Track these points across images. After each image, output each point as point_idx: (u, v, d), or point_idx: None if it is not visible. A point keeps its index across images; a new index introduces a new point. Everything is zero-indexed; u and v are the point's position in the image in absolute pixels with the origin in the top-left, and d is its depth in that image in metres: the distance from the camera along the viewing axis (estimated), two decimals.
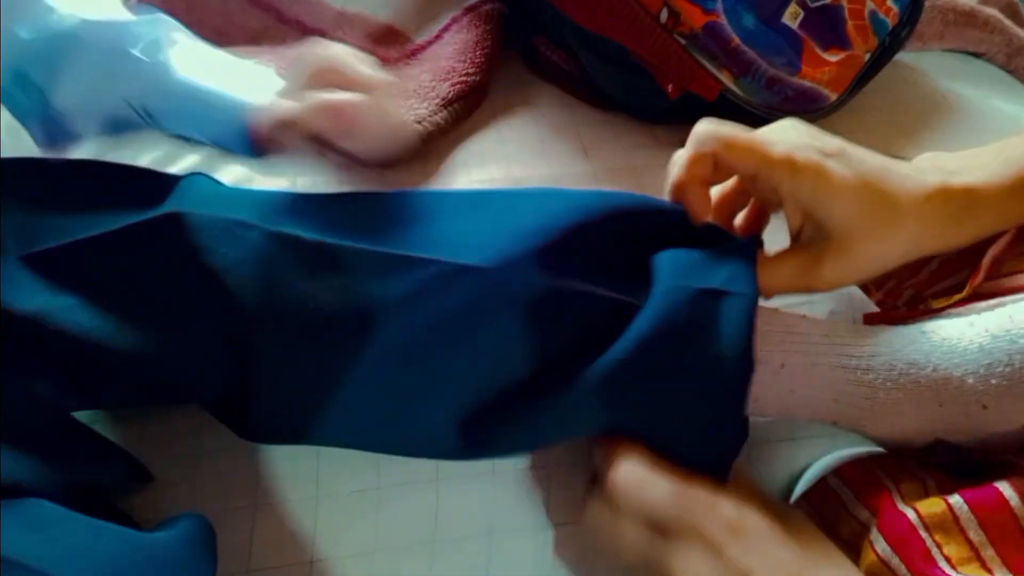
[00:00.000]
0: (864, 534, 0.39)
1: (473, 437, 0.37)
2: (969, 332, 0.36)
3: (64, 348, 0.35)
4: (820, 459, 0.46)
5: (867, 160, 0.37)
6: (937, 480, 0.38)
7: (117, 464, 0.39)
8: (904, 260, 0.38)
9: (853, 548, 0.40)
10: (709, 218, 0.40)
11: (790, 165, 0.36)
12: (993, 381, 0.35)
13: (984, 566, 0.34)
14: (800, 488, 0.45)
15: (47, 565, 0.29)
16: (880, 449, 0.40)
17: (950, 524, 0.35)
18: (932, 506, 0.35)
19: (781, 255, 0.39)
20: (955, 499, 0.35)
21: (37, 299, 0.35)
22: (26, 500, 0.32)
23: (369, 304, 0.36)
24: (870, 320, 0.44)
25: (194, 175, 0.41)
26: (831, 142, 0.37)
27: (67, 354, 0.35)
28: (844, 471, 0.40)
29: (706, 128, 0.38)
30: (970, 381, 0.36)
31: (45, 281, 0.35)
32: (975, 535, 0.34)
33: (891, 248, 0.37)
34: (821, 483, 0.41)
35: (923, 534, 0.35)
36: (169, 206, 0.37)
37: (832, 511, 0.41)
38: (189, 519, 0.37)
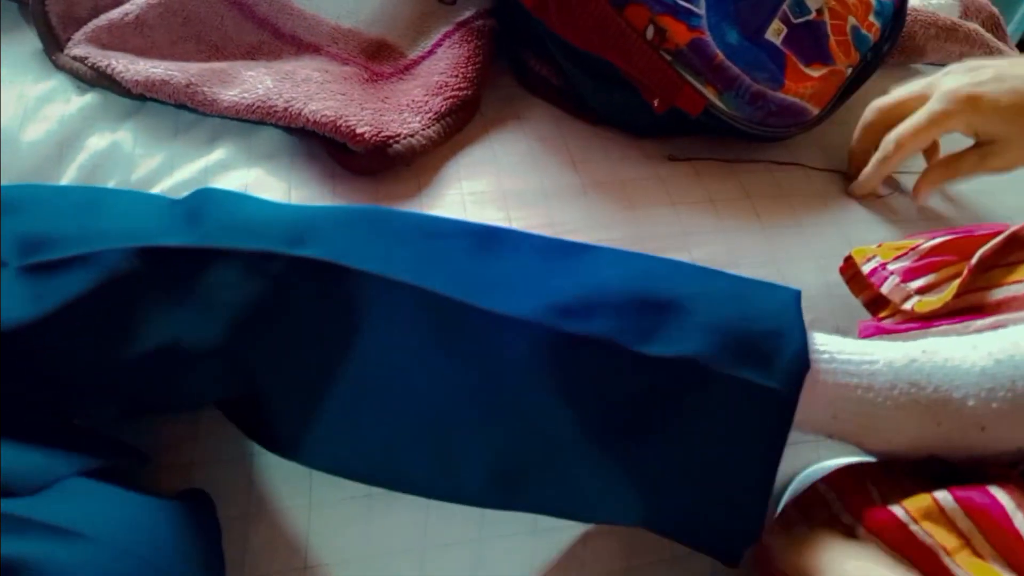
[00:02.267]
0: (850, 537, 0.40)
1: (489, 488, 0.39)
2: (972, 355, 0.37)
3: (56, 364, 0.35)
4: (810, 466, 0.47)
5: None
6: (923, 488, 0.39)
7: (113, 449, 0.40)
8: None
9: None
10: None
11: (946, 116, 0.54)
12: (994, 404, 0.35)
13: (975, 552, 0.35)
14: (790, 492, 0.46)
15: (80, 526, 0.31)
16: (870, 458, 0.40)
17: (936, 514, 0.35)
18: (918, 500, 0.36)
19: (961, 154, 0.56)
20: (940, 494, 0.35)
21: (36, 306, 0.35)
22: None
23: (355, 318, 0.37)
24: (865, 333, 0.45)
25: (207, 189, 0.42)
26: (983, 73, 0.54)
27: (58, 370, 0.36)
28: (832, 476, 0.41)
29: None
30: (971, 403, 0.36)
31: (42, 292, 0.35)
32: (963, 523, 0.35)
33: None
34: (809, 487, 0.41)
35: (914, 528, 0.35)
36: (193, 236, 0.37)
37: (818, 514, 0.42)
38: (190, 492, 0.40)
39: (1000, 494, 0.35)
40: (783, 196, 0.60)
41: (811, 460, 0.48)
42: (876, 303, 0.47)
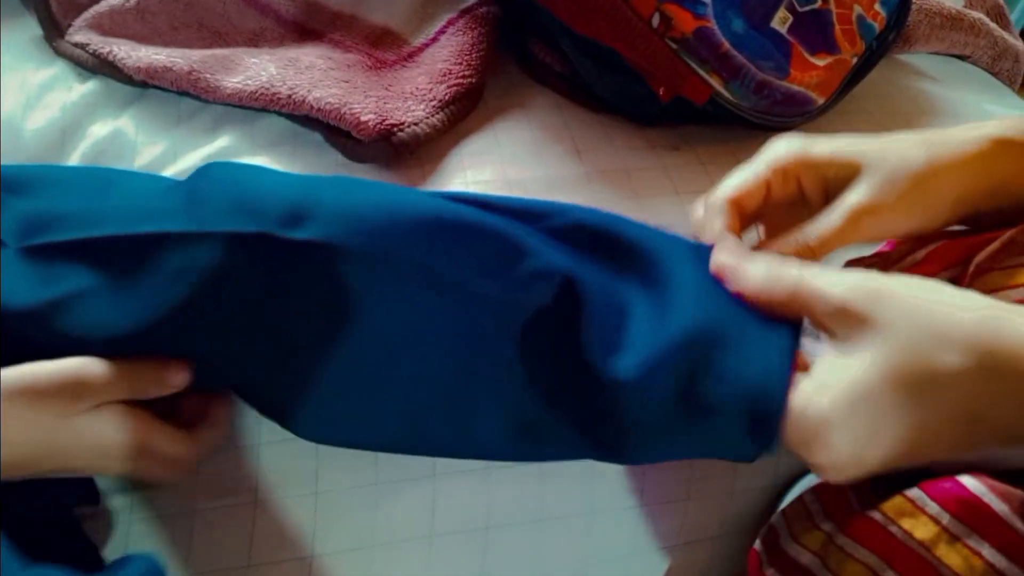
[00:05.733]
0: (830, 544, 0.40)
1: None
2: None
3: (55, 347, 0.35)
4: (806, 477, 0.48)
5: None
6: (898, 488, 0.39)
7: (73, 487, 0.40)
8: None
9: (821, 558, 0.41)
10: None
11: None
12: None
13: (951, 535, 0.35)
14: (787, 500, 0.46)
15: None
16: None
17: (909, 508, 0.35)
18: (893, 502, 0.36)
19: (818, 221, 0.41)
20: (911, 491, 0.36)
21: (39, 291, 0.35)
22: None
23: (354, 297, 0.37)
24: None
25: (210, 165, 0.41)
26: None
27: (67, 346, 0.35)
28: (819, 487, 0.41)
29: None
30: None
31: (47, 274, 0.35)
32: (932, 509, 0.35)
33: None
34: (796, 499, 0.42)
35: (892, 529, 0.36)
36: (190, 220, 0.36)
37: (800, 522, 0.43)
38: (139, 561, 0.37)
39: (967, 479, 0.35)
40: None
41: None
42: None
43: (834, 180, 0.41)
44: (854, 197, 0.40)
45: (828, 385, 0.33)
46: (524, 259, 0.38)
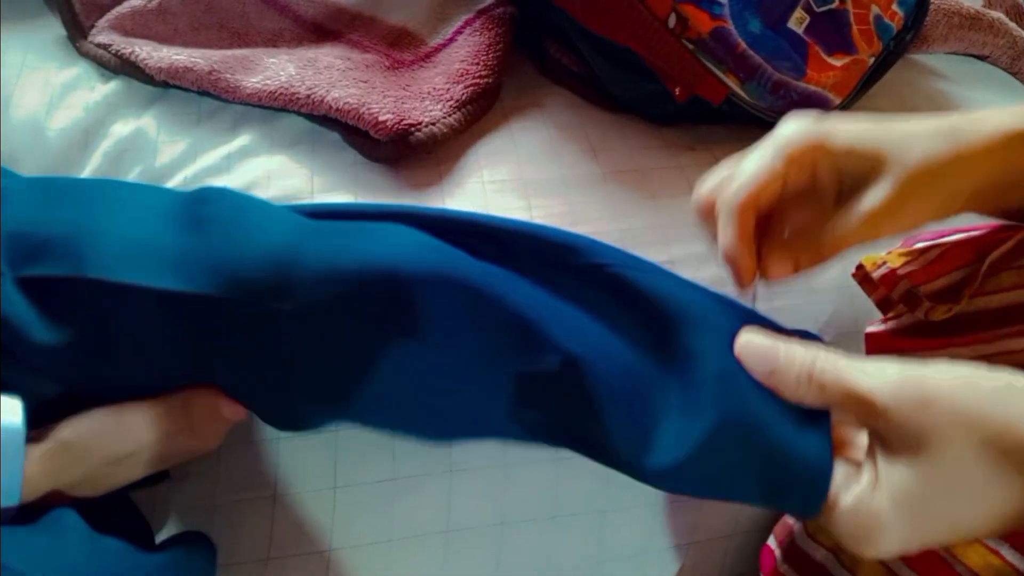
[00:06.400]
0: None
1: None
2: None
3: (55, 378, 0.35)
4: None
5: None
6: None
7: None
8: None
9: (835, 555, 0.42)
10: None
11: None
12: None
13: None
14: None
15: None
16: None
17: None
18: None
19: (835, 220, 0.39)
20: None
21: (41, 326, 0.34)
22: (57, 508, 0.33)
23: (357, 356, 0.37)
24: (872, 345, 0.45)
25: (216, 191, 0.39)
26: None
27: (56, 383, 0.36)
28: None
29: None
30: None
31: (44, 308, 0.34)
32: None
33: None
34: None
35: None
36: (177, 277, 0.35)
37: (815, 524, 0.43)
38: (191, 539, 0.38)
39: None
40: None
41: None
42: (887, 302, 0.47)
43: (851, 173, 0.39)
44: (873, 200, 0.37)
45: (881, 488, 0.32)
46: (529, 338, 0.36)
